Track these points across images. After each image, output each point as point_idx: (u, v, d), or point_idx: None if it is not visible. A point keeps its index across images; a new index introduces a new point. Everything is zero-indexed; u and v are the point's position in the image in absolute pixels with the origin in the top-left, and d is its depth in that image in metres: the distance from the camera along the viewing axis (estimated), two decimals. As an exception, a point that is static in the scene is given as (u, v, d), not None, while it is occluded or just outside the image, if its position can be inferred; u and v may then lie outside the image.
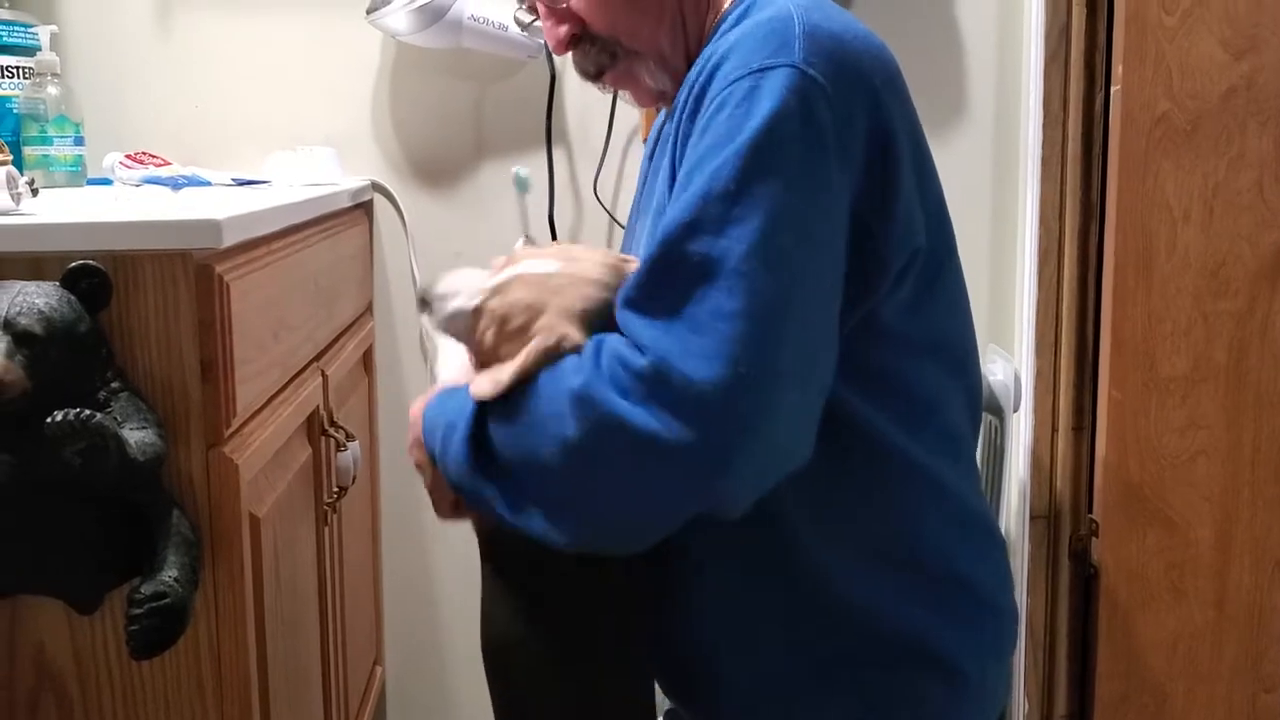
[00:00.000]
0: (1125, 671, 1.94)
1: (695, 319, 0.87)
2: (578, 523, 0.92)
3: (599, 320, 0.96)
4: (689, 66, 1.08)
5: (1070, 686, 2.00)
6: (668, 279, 0.89)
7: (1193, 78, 1.81)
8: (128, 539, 1.08)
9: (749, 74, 0.91)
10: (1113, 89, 1.86)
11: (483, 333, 1.02)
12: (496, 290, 1.02)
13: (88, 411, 0.98)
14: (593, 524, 0.93)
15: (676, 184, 0.94)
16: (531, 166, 2.01)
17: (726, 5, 1.07)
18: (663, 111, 1.18)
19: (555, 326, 0.96)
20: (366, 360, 1.98)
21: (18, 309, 1.00)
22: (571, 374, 0.91)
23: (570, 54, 1.12)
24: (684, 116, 0.98)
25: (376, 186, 2.02)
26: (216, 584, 1.12)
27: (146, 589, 1.03)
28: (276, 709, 1.26)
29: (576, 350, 0.94)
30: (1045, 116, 1.92)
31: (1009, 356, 1.95)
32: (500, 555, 1.08)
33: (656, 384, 0.86)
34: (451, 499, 1.05)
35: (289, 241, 1.41)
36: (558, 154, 2.00)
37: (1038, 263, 1.94)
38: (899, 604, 1.02)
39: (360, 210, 1.94)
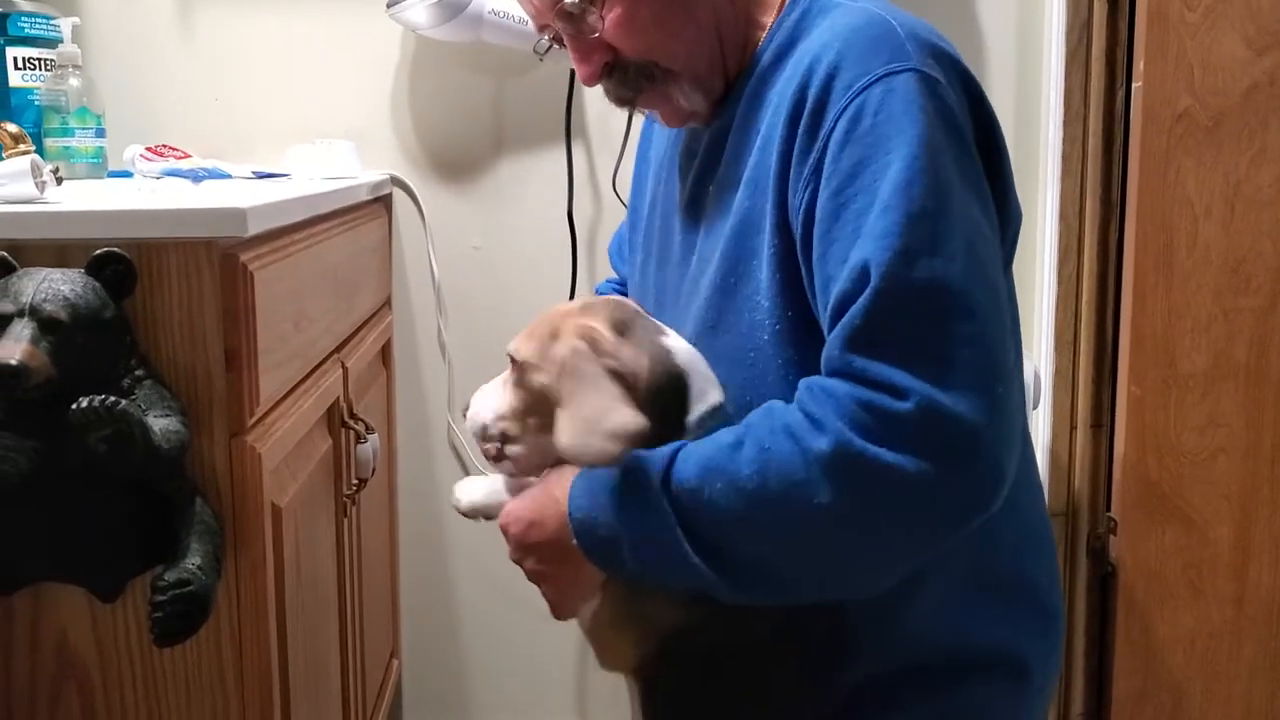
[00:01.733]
0: (1143, 669, 1.93)
1: (943, 352, 0.84)
2: (835, 582, 0.90)
3: (619, 320, 0.96)
4: (727, 83, 1.06)
5: (1088, 684, 1.99)
6: (902, 313, 0.86)
7: (1214, 74, 1.81)
8: (150, 527, 1.09)
9: (875, 80, 0.89)
10: (1134, 85, 1.86)
11: (526, 398, 0.99)
12: (517, 348, 1.01)
13: (113, 398, 0.98)
14: (852, 578, 0.90)
15: (828, 202, 0.89)
16: (551, 161, 2.01)
17: (770, 19, 1.04)
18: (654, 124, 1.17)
19: (575, 331, 0.95)
20: (385, 354, 1.98)
21: (43, 295, 1.00)
22: (803, 435, 0.86)
23: (601, 83, 1.07)
24: (787, 125, 0.94)
25: (395, 180, 2.03)
26: (238, 573, 1.12)
27: (170, 576, 1.03)
28: (296, 699, 1.26)
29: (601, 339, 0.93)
30: (1066, 113, 1.91)
31: (1028, 353, 1.94)
32: (680, 661, 1.00)
33: (926, 427, 0.83)
34: (583, 596, 1.00)
35: (310, 233, 1.42)
36: (577, 148, 2.00)
37: (1057, 259, 1.94)
38: (973, 617, 1.01)
39: (379, 204, 1.94)
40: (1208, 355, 1.86)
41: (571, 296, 2.01)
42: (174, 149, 1.79)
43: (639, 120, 1.99)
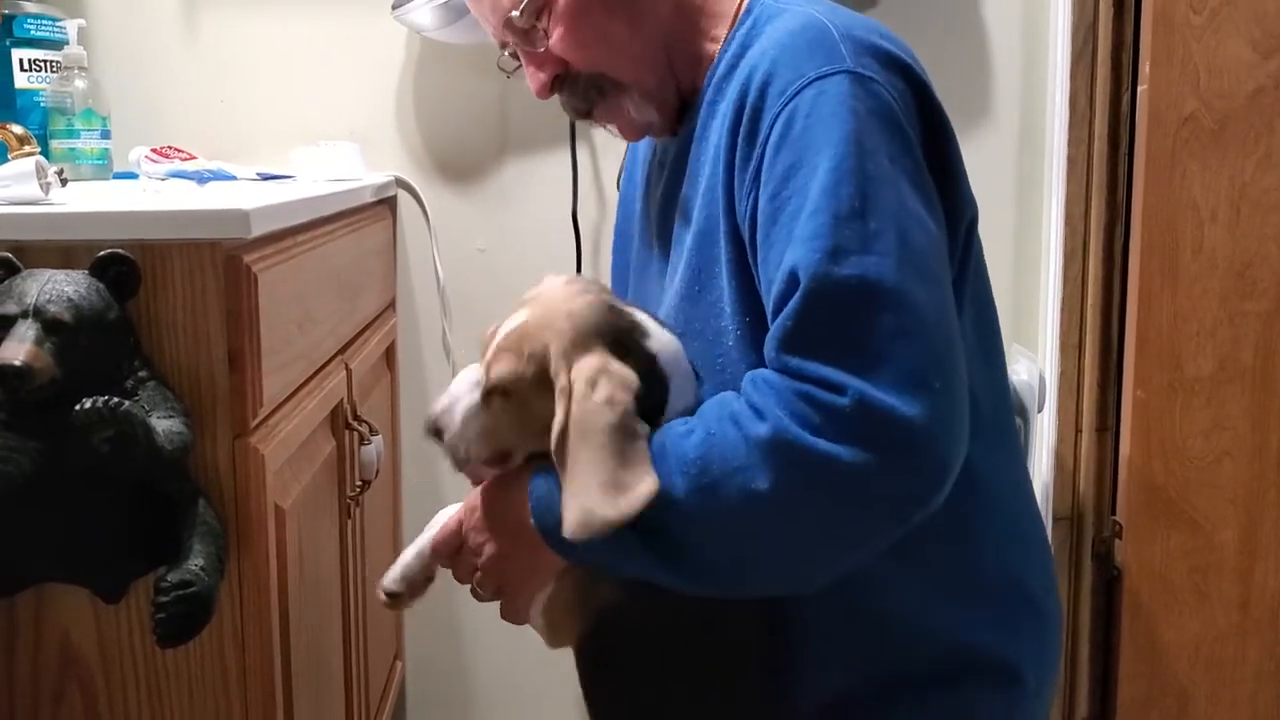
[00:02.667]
0: (1148, 674, 1.92)
1: (877, 348, 0.85)
2: (774, 572, 0.91)
3: (605, 325, 0.94)
4: (684, 97, 1.07)
5: (1093, 688, 1.99)
6: (832, 312, 0.87)
7: (1220, 77, 1.80)
8: (153, 528, 1.09)
9: (807, 84, 0.90)
10: (1139, 88, 1.85)
11: (498, 416, 0.98)
12: (490, 366, 0.98)
13: (116, 399, 0.98)
14: (791, 570, 0.91)
15: (766, 206, 0.90)
16: (555, 163, 2.01)
17: (724, 32, 1.05)
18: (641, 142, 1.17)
19: (588, 364, 0.91)
20: (389, 356, 1.98)
21: (47, 296, 1.01)
22: (745, 422, 0.87)
23: (557, 95, 1.10)
24: (730, 134, 0.96)
25: (400, 182, 2.03)
26: (241, 574, 1.12)
27: (173, 577, 1.03)
28: (299, 700, 1.26)
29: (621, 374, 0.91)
30: (1071, 115, 1.91)
31: (1033, 356, 1.94)
32: (618, 637, 1.03)
33: (862, 421, 0.84)
34: (541, 581, 1.01)
35: (314, 235, 1.42)
36: (581, 150, 2.00)
37: (1063, 262, 1.93)
38: (960, 619, 1.01)
39: (384, 206, 1.94)
40: (1213, 359, 1.85)
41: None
42: (179, 150, 1.80)
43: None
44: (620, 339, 0.94)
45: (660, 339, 0.98)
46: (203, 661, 1.13)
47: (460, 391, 1.00)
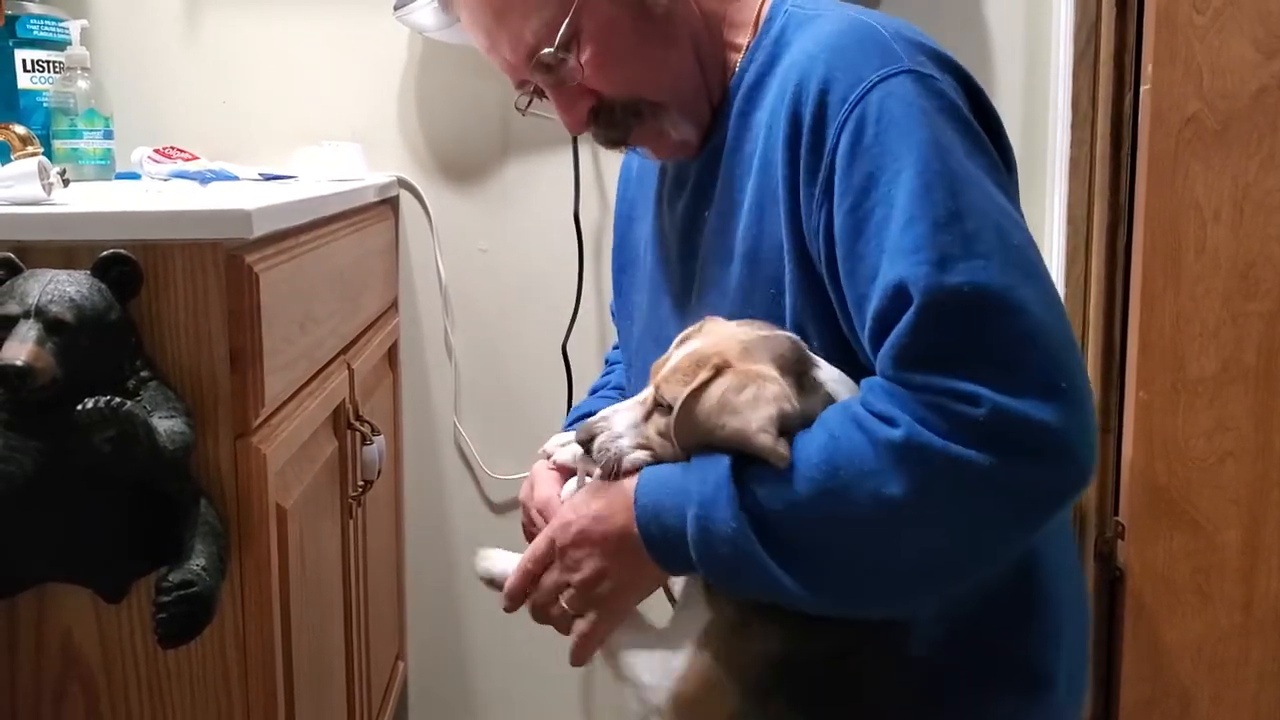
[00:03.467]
0: (1151, 675, 1.92)
1: (1002, 356, 0.83)
2: (900, 584, 0.88)
3: (774, 349, 0.92)
4: (713, 108, 1.04)
5: (1095, 689, 1.98)
6: (950, 323, 0.84)
7: (1223, 77, 1.80)
8: (155, 528, 1.09)
9: (871, 87, 0.88)
10: (1142, 89, 1.85)
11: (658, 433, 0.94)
12: (659, 386, 0.94)
13: (118, 399, 0.98)
14: (917, 582, 0.88)
15: (847, 219, 0.88)
16: (557, 163, 2.01)
17: (745, 40, 1.02)
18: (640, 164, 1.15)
19: (752, 369, 0.89)
20: (391, 356, 1.98)
21: (49, 297, 1.01)
22: (873, 427, 0.84)
23: (590, 130, 1.05)
24: (787, 147, 0.92)
25: (402, 183, 2.03)
26: (243, 574, 1.12)
27: (174, 577, 1.03)
28: (300, 700, 1.26)
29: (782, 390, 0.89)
30: (1074, 116, 1.91)
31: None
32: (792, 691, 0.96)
33: (999, 430, 0.82)
34: (639, 595, 0.97)
35: (316, 235, 1.42)
36: (583, 151, 2.00)
37: (1065, 263, 1.93)
38: (990, 623, 0.99)
39: (386, 206, 1.95)
40: (1216, 360, 1.85)
41: (578, 299, 2.01)
42: (181, 151, 1.80)
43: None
44: (788, 365, 0.91)
45: (829, 371, 0.95)
46: (204, 661, 1.13)
47: (619, 423, 0.97)
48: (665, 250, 1.12)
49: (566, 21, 0.96)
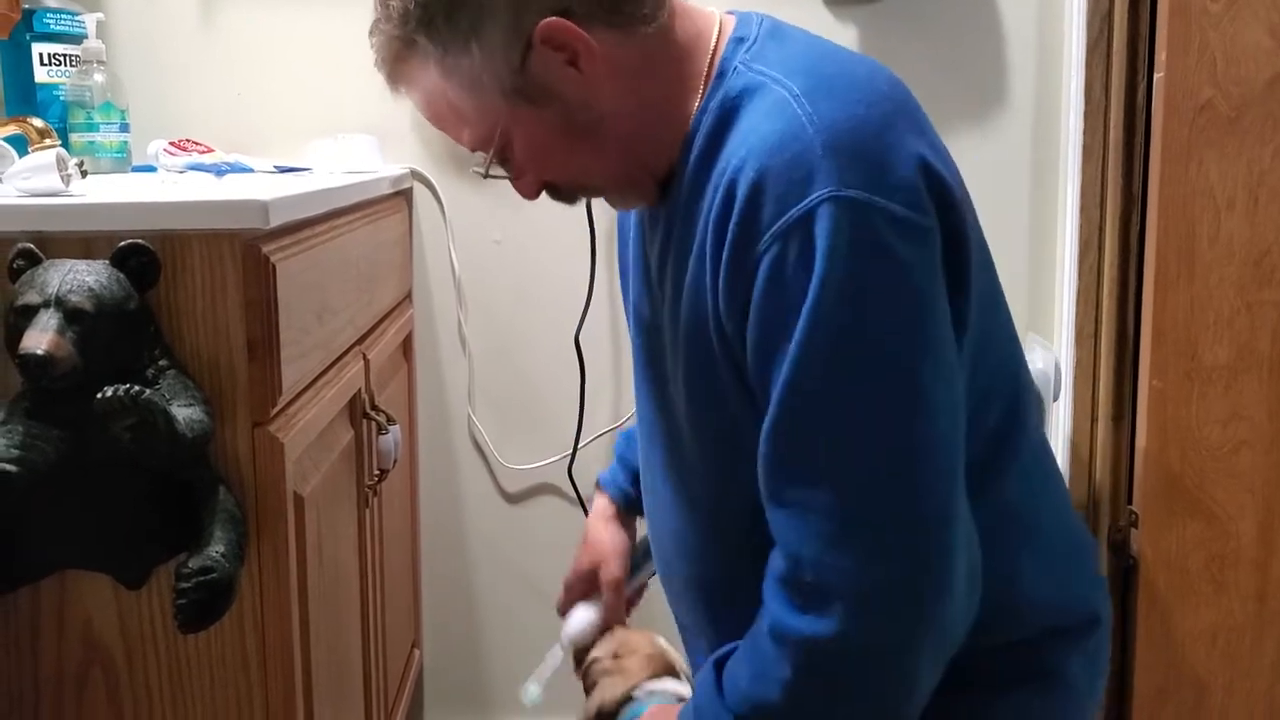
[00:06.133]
0: (1164, 664, 1.92)
1: (827, 508, 0.88)
2: None
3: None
4: (670, 171, 1.02)
5: (1109, 678, 1.98)
6: (793, 468, 0.90)
7: (1237, 65, 1.79)
8: (174, 515, 1.10)
9: (794, 223, 0.87)
10: (1155, 76, 1.85)
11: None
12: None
13: (137, 387, 0.99)
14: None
15: (760, 339, 0.91)
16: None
17: (696, 102, 0.99)
18: None
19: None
20: (406, 346, 1.99)
21: (69, 286, 1.02)
22: (762, 615, 0.93)
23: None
24: (715, 245, 0.93)
25: (416, 175, 2.04)
26: (261, 561, 1.13)
27: (194, 563, 1.04)
28: (318, 686, 1.27)
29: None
30: (1087, 104, 1.90)
31: (1048, 345, 1.93)
32: None
33: (808, 586, 0.89)
34: None
35: (331, 226, 1.43)
36: (596, 142, 2.00)
37: (1078, 251, 1.93)
38: (1006, 635, 1.01)
39: (400, 198, 1.95)
40: (1230, 348, 1.85)
41: (590, 290, 2.01)
42: (197, 143, 1.81)
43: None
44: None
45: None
46: (223, 647, 1.14)
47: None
48: (646, 276, 1.12)
49: (496, 137, 0.99)
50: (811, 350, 0.87)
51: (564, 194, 1.07)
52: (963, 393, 0.92)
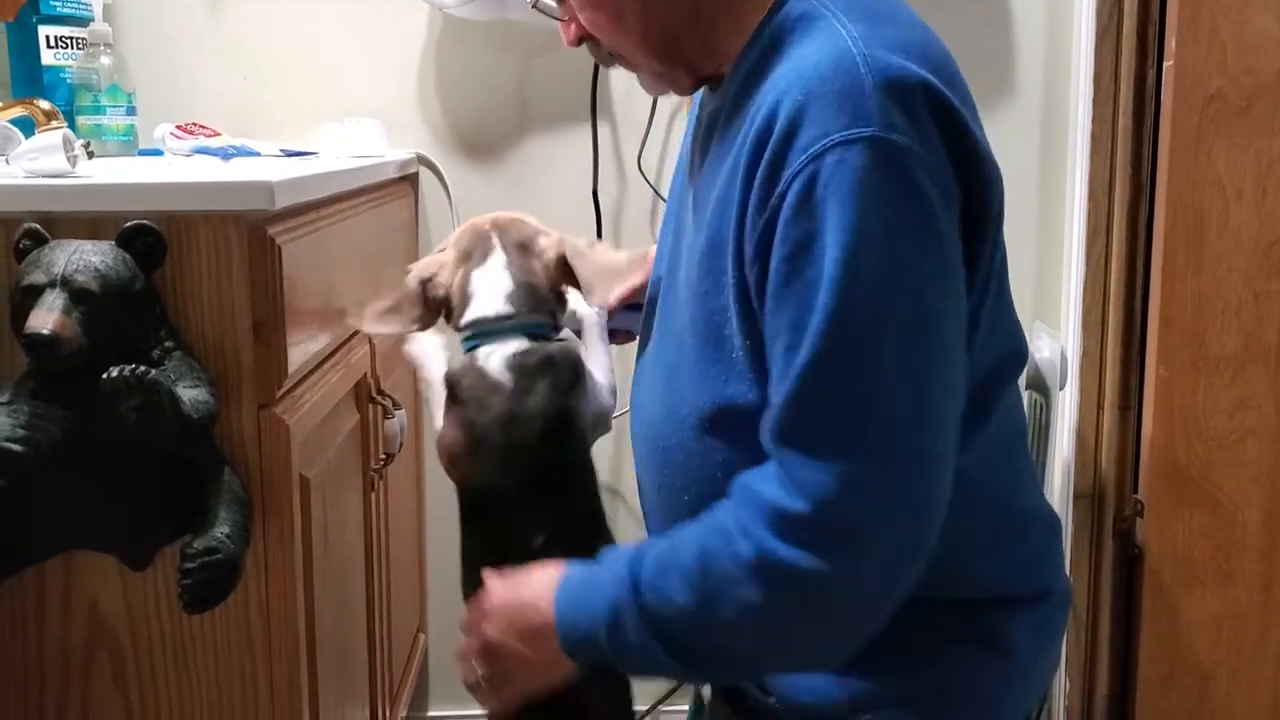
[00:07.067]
0: (1169, 653, 1.92)
1: (852, 455, 0.88)
2: (778, 666, 1.00)
3: (468, 236, 1.15)
4: (704, 77, 1.06)
5: (1113, 667, 1.98)
6: (815, 411, 0.89)
7: (1248, 54, 1.78)
8: (180, 496, 1.10)
9: (830, 147, 0.88)
10: (1165, 65, 1.84)
11: None
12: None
13: (143, 368, 0.99)
14: (793, 663, 0.99)
15: (780, 266, 0.91)
16: (576, 140, 2.01)
17: (754, 21, 1.01)
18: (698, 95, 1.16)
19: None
20: (411, 332, 1.99)
21: (74, 267, 1.02)
22: (731, 537, 0.92)
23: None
24: (749, 165, 0.94)
25: (422, 159, 2.03)
26: (266, 542, 1.13)
27: (199, 544, 1.05)
28: (323, 667, 1.27)
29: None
30: (1096, 92, 1.89)
31: (1055, 334, 1.93)
32: None
33: (821, 525, 0.88)
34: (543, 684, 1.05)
35: (337, 209, 1.43)
36: (602, 127, 2.00)
37: (1086, 239, 1.92)
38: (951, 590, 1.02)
39: (406, 183, 1.95)
40: (1238, 338, 1.84)
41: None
42: (204, 127, 1.81)
43: (664, 100, 1.99)
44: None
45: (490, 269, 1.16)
46: (228, 627, 1.14)
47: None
48: (679, 187, 1.17)
49: None
50: (846, 295, 0.87)
51: (601, 54, 1.09)
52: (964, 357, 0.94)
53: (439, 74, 2.02)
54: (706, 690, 1.16)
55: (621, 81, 1.99)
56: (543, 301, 1.15)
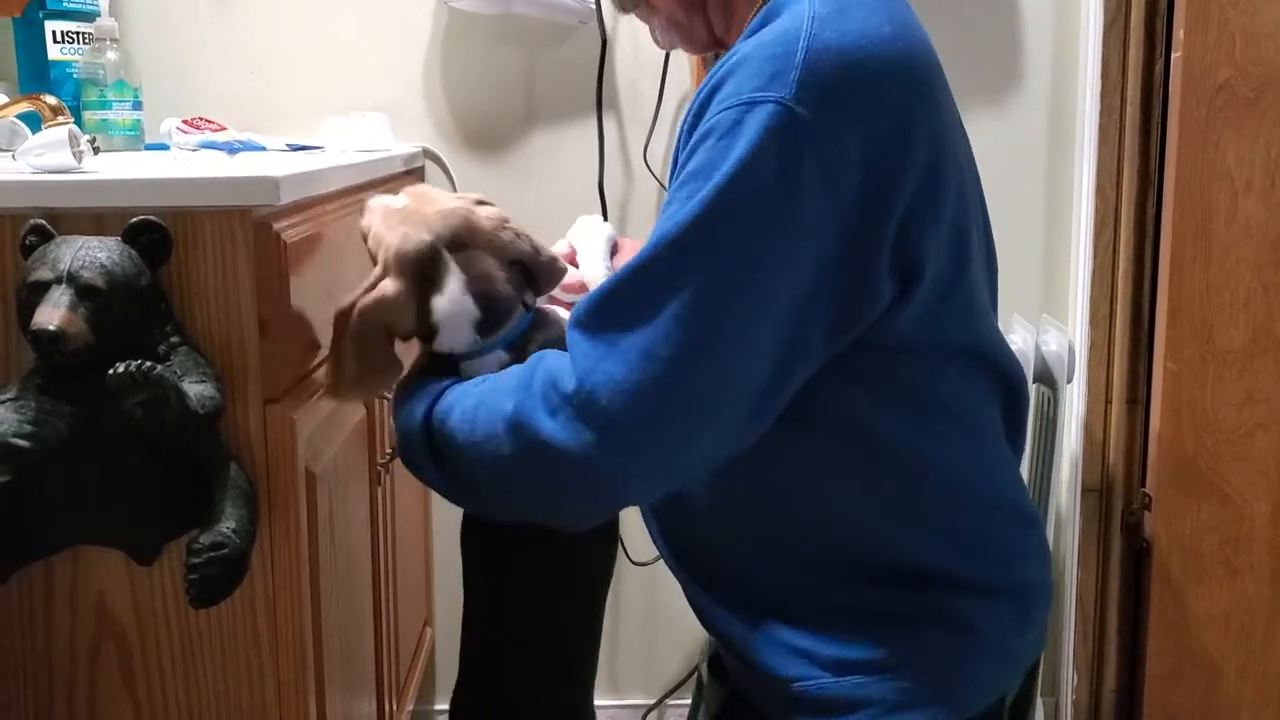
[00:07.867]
0: (1176, 647, 1.92)
1: (628, 355, 0.92)
2: (523, 513, 1.05)
3: (415, 265, 1.07)
4: (719, 43, 1.12)
5: (1120, 661, 1.98)
6: (616, 309, 0.94)
7: (1257, 44, 1.78)
8: (186, 492, 1.10)
9: (738, 104, 0.92)
10: (1173, 56, 1.83)
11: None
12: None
13: (149, 363, 0.99)
14: (538, 514, 1.04)
15: (663, 204, 0.96)
16: (582, 133, 2.01)
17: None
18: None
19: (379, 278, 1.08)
20: (417, 326, 1.99)
21: (80, 263, 1.02)
22: (507, 395, 0.98)
23: None
24: (687, 121, 0.99)
25: (428, 153, 2.03)
26: (273, 537, 1.14)
27: (205, 539, 1.05)
28: (330, 661, 1.28)
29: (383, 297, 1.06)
30: (1104, 83, 1.89)
31: (1063, 327, 1.92)
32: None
33: (580, 407, 0.92)
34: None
35: (343, 204, 1.43)
36: (608, 121, 2.00)
37: (1093, 231, 1.92)
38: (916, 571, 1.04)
39: (412, 176, 1.95)
40: (1246, 331, 1.84)
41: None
42: (210, 121, 1.81)
43: (670, 92, 1.99)
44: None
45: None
46: (235, 622, 1.14)
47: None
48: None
49: None
50: (688, 228, 0.92)
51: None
52: (801, 338, 0.95)
53: (444, 68, 2.02)
54: (704, 669, 1.20)
55: (627, 74, 1.99)
56: (508, 303, 1.11)
